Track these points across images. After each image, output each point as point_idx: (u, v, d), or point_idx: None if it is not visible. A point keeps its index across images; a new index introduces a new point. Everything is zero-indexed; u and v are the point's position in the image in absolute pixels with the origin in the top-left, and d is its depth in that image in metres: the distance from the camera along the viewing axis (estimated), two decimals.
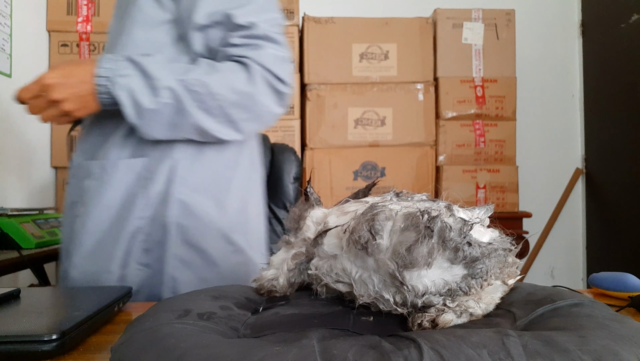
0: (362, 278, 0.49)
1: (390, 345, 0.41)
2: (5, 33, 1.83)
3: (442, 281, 0.47)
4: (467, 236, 0.47)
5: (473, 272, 0.48)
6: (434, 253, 0.45)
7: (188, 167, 0.80)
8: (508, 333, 0.40)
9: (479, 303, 0.49)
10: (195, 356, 0.40)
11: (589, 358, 0.37)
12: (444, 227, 0.46)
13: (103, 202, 0.79)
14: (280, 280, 0.55)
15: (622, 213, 2.25)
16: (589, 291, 0.82)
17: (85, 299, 0.67)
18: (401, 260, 0.45)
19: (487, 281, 0.49)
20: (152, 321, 0.47)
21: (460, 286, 0.47)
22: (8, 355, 0.47)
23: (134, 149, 0.80)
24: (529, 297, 0.55)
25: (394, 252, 0.46)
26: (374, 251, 0.46)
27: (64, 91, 0.73)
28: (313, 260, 0.53)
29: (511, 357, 0.37)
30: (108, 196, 0.79)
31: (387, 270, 0.46)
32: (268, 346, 0.41)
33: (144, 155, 0.80)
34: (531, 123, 2.48)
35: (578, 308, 0.50)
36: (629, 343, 0.40)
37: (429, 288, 0.47)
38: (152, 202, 0.79)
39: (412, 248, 0.45)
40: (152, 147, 0.80)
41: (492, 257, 0.49)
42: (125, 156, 0.80)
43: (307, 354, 0.39)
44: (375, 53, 2.15)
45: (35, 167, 2.03)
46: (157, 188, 0.79)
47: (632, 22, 2.14)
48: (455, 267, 0.47)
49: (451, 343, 0.38)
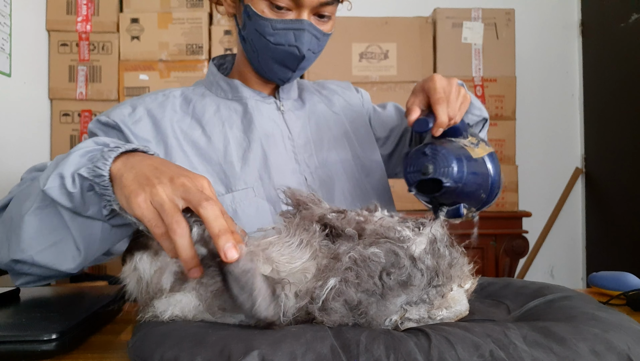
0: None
1: (400, 333, 0.43)
2: (4, 32, 1.83)
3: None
4: (416, 265, 0.47)
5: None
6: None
7: None
8: (508, 325, 0.42)
9: (448, 309, 0.50)
10: (217, 336, 0.41)
11: (584, 346, 0.40)
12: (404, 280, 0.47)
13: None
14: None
15: (621, 212, 2.25)
16: (589, 291, 0.82)
17: (85, 299, 0.67)
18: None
19: (447, 287, 0.49)
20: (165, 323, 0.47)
21: (423, 298, 0.48)
22: (8, 355, 0.47)
23: None
24: (521, 290, 0.59)
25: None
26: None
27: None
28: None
29: (514, 344, 0.39)
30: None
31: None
32: (286, 328, 0.44)
33: None
34: (531, 123, 2.48)
35: (568, 300, 0.53)
36: (619, 332, 0.43)
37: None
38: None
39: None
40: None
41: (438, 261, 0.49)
42: None
43: (322, 336, 0.41)
44: (374, 52, 2.15)
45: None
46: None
47: (632, 21, 2.14)
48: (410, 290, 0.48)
49: (457, 332, 0.40)
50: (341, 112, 0.99)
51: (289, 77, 0.87)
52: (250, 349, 0.38)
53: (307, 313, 0.47)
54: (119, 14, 2.14)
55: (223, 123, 0.86)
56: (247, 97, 0.89)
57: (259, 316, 0.43)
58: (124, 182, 0.52)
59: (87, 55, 2.12)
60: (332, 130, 0.95)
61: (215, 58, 0.97)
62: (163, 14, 2.13)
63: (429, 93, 0.74)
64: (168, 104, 0.86)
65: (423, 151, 0.73)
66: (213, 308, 0.48)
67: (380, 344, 0.39)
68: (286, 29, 0.79)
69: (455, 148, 0.72)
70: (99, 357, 0.51)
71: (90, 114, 2.12)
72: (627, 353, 0.40)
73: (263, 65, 0.85)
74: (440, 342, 0.39)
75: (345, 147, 0.94)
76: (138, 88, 2.10)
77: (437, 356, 0.38)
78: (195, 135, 0.84)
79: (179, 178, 0.51)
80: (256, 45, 0.83)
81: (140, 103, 0.85)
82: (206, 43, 2.14)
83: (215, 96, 0.90)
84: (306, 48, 0.81)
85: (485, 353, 0.38)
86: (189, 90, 0.91)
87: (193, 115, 0.86)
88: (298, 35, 0.79)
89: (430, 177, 0.70)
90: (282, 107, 0.91)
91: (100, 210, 0.59)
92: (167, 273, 0.49)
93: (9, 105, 1.86)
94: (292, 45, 0.80)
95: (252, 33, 0.82)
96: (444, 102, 0.72)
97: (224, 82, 0.90)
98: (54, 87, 2.11)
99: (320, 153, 0.91)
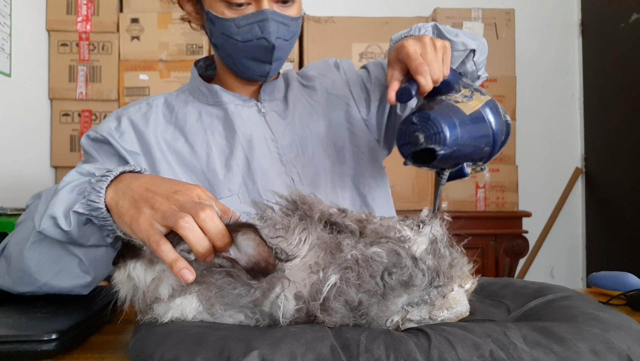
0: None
1: (400, 333, 0.43)
2: (4, 32, 1.83)
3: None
4: (418, 265, 0.47)
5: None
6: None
7: None
8: (508, 325, 0.42)
9: (449, 310, 0.50)
10: (217, 336, 0.41)
11: (584, 346, 0.40)
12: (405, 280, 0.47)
13: None
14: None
15: (621, 212, 2.25)
16: (589, 291, 0.82)
17: (85, 299, 0.67)
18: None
19: (448, 287, 0.49)
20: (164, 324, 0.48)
21: (424, 299, 0.48)
22: (8, 355, 0.47)
23: None
24: (520, 290, 0.59)
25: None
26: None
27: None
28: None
29: (514, 344, 0.39)
30: None
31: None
32: (285, 328, 0.44)
33: None
34: (531, 123, 2.48)
35: (568, 301, 0.53)
36: (619, 332, 0.43)
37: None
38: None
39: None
40: None
41: (439, 261, 0.49)
42: None
43: (322, 336, 0.41)
44: (375, 52, 2.15)
45: (35, 166, 2.03)
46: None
47: (632, 21, 2.14)
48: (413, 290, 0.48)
49: (457, 332, 0.40)
50: (324, 100, 0.95)
51: (267, 70, 0.84)
52: (250, 349, 0.38)
53: (307, 315, 0.47)
54: (119, 14, 2.14)
55: (205, 131, 0.85)
56: (227, 101, 0.88)
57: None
58: (120, 210, 0.54)
59: (87, 55, 2.12)
60: (317, 123, 0.92)
61: (200, 60, 0.96)
62: (163, 14, 2.13)
63: (406, 63, 0.69)
64: (151, 115, 0.86)
65: (411, 120, 0.67)
66: (215, 307, 0.48)
67: (380, 344, 0.39)
68: (249, 23, 0.78)
69: (445, 109, 0.67)
70: (99, 357, 0.51)
71: (90, 114, 2.12)
72: (627, 353, 0.40)
73: (239, 65, 0.84)
74: (440, 342, 0.39)
75: (336, 137, 0.92)
76: (138, 88, 2.10)
77: (437, 356, 0.37)
78: (178, 145, 0.84)
79: (173, 195, 0.52)
80: (227, 48, 0.82)
81: (124, 115, 0.85)
82: (206, 43, 2.14)
83: (197, 102, 0.89)
84: (274, 37, 0.79)
85: (486, 353, 0.38)
86: (172, 97, 0.90)
87: (176, 124, 0.86)
88: (263, 27, 0.78)
89: (422, 148, 0.65)
90: (263, 109, 0.89)
91: (102, 238, 0.61)
92: (164, 284, 0.49)
93: (9, 105, 1.86)
94: (260, 38, 0.79)
95: (219, 37, 0.81)
96: (423, 66, 0.67)
97: (204, 87, 0.89)
98: (54, 87, 2.11)
99: (307, 151, 0.89)
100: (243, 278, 0.47)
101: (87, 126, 2.12)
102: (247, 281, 0.47)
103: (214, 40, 0.84)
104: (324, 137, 0.91)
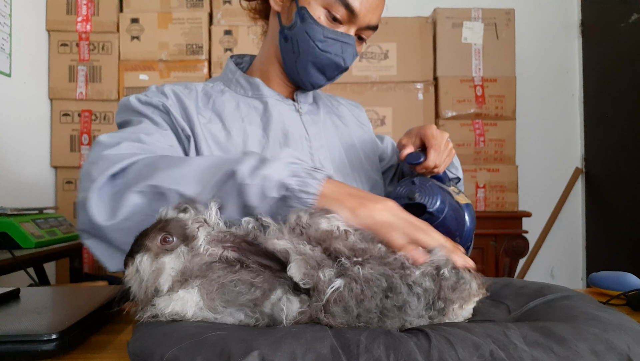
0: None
1: (400, 333, 0.43)
2: (4, 32, 1.83)
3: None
4: (413, 290, 0.48)
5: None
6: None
7: None
8: (508, 325, 0.42)
9: (450, 320, 0.50)
10: (217, 336, 0.41)
11: (584, 346, 0.40)
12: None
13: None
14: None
15: (621, 212, 2.25)
16: (589, 291, 0.82)
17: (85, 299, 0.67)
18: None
19: (448, 308, 0.49)
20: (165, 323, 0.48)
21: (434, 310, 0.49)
22: (8, 354, 0.47)
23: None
24: (520, 291, 0.59)
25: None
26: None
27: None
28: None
29: (514, 344, 0.39)
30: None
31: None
32: (285, 328, 0.44)
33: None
34: (531, 123, 2.48)
35: (568, 300, 0.53)
36: (619, 332, 0.43)
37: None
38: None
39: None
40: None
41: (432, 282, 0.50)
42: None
43: (322, 336, 0.41)
44: (374, 52, 2.15)
45: (35, 166, 2.03)
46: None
47: (632, 21, 2.14)
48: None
49: (457, 332, 0.40)
50: (351, 124, 1.01)
51: (321, 84, 0.89)
52: (250, 349, 0.38)
53: (310, 318, 0.47)
54: (119, 14, 2.14)
55: (242, 119, 0.86)
56: (267, 95, 0.90)
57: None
58: (341, 198, 0.56)
59: (87, 55, 2.12)
60: (343, 140, 0.96)
61: (233, 56, 0.98)
62: (163, 14, 2.13)
63: (425, 139, 0.80)
64: (192, 96, 0.87)
65: (412, 181, 0.79)
66: (215, 302, 0.48)
67: (380, 344, 0.39)
68: (336, 39, 0.83)
69: (440, 186, 0.79)
70: (99, 357, 0.51)
71: (90, 114, 2.12)
72: (627, 353, 0.40)
73: (300, 67, 0.86)
74: (440, 342, 0.39)
75: (354, 158, 0.96)
76: (138, 88, 2.10)
77: (437, 356, 0.38)
78: (216, 129, 0.84)
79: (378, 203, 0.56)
80: (300, 47, 0.84)
81: (167, 88, 0.85)
82: (206, 43, 2.14)
83: (234, 93, 0.91)
84: (350, 61, 0.86)
85: (486, 353, 0.38)
86: (208, 86, 0.92)
87: (213, 109, 0.87)
88: (345, 48, 0.84)
89: (416, 202, 0.75)
90: (300, 109, 0.92)
91: (242, 210, 0.57)
92: (164, 275, 0.49)
93: (9, 105, 1.86)
94: (338, 56, 0.84)
95: (300, 34, 0.83)
96: (438, 148, 0.80)
97: (244, 80, 0.91)
98: (54, 87, 2.12)
99: (334, 158, 0.92)
100: (245, 276, 0.47)
101: (87, 126, 2.12)
102: (249, 280, 0.47)
103: (291, 33, 0.84)
104: (350, 153, 0.96)
